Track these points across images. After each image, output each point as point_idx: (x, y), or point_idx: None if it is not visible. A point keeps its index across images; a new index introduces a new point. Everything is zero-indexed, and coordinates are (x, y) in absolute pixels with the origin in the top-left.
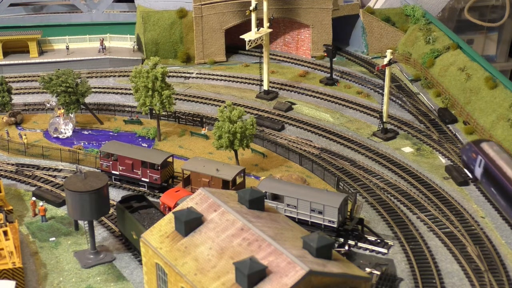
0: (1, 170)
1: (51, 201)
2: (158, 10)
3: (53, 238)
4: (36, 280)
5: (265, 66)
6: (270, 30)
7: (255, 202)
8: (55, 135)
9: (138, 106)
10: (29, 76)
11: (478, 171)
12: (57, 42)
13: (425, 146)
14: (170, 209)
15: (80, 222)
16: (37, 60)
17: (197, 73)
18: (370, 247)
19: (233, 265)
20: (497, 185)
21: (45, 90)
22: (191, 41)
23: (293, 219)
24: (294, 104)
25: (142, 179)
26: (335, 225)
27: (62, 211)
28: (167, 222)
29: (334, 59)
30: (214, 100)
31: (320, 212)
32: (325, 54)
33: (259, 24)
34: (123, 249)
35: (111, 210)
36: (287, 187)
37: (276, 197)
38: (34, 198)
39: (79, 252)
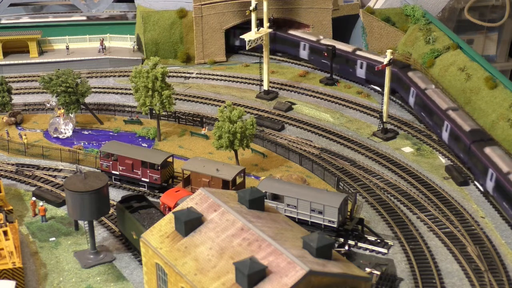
0: (1, 170)
1: (51, 201)
2: (158, 10)
3: (53, 238)
4: (36, 280)
5: (265, 66)
6: (270, 30)
7: (255, 202)
8: (55, 135)
9: (138, 106)
10: (29, 76)
11: None
12: (57, 42)
13: (425, 146)
14: (170, 209)
15: (80, 222)
16: (37, 60)
17: (197, 73)
18: (370, 247)
19: (233, 265)
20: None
21: (45, 90)
22: (191, 41)
23: (293, 219)
24: (294, 104)
25: (142, 179)
26: (335, 225)
27: (62, 211)
28: (167, 222)
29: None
30: (214, 100)
31: (320, 212)
32: (325, 54)
33: (259, 24)
34: (123, 249)
35: (111, 210)
36: (287, 187)
37: (276, 197)
38: (34, 198)
39: (79, 252)
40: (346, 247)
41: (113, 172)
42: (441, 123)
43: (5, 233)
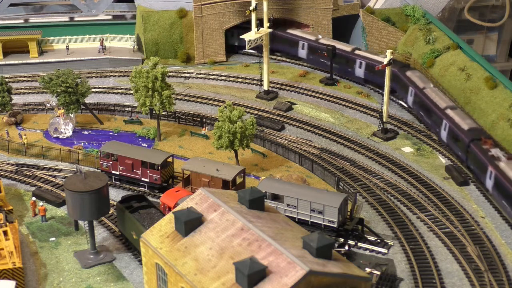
0: (1, 170)
1: (51, 201)
2: (158, 10)
3: (53, 238)
4: (36, 280)
5: (265, 66)
6: (270, 30)
7: (255, 202)
8: (55, 135)
9: (138, 106)
10: (29, 76)
11: None
12: (57, 42)
13: (425, 146)
14: (170, 209)
15: (80, 222)
16: (37, 60)
17: (197, 73)
18: (370, 247)
19: (233, 265)
20: None
21: (45, 90)
22: (191, 41)
23: (293, 219)
24: (294, 104)
25: (142, 179)
26: (335, 225)
27: (62, 211)
28: (167, 222)
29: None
30: (214, 100)
31: (320, 212)
32: (325, 54)
33: (259, 24)
34: (123, 249)
35: (111, 210)
36: (287, 187)
37: (276, 197)
38: (34, 198)
39: (79, 252)
40: (346, 247)
41: (113, 172)
42: (353, 62)
43: (5, 233)
